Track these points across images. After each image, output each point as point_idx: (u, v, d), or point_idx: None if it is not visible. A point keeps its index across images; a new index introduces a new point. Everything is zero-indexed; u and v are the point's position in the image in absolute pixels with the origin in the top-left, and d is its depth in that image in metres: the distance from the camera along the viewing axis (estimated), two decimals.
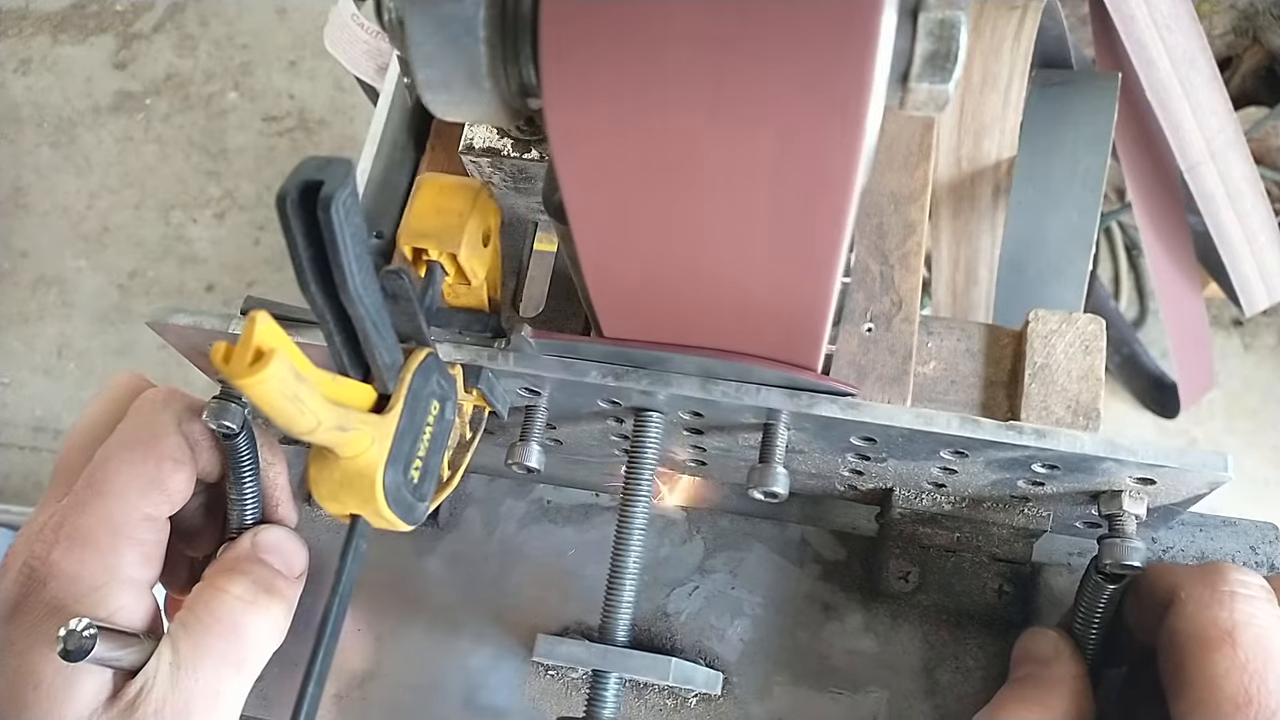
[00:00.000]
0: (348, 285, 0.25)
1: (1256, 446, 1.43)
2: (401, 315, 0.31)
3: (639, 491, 0.37)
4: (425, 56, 0.24)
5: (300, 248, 0.25)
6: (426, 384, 0.32)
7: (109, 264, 1.68)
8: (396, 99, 0.49)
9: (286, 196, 0.24)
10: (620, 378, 0.35)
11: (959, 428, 0.33)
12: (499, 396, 0.37)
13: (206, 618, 0.36)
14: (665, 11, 0.21)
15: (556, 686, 0.43)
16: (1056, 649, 0.36)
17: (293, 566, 0.40)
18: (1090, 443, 0.33)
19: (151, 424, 0.38)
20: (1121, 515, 0.35)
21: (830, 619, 0.43)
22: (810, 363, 0.34)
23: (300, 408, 0.25)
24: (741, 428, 0.37)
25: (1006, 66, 0.62)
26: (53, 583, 0.35)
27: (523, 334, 0.35)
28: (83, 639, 0.32)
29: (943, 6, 0.23)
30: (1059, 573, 0.42)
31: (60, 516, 0.36)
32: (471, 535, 0.46)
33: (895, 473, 0.39)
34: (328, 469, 0.30)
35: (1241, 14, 1.35)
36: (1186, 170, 0.84)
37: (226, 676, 0.36)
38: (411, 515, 0.32)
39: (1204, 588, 0.32)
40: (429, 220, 0.34)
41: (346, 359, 0.29)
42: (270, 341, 0.23)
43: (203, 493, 0.41)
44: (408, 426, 0.31)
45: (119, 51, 1.82)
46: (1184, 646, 0.32)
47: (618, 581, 0.36)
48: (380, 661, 0.44)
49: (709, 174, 0.25)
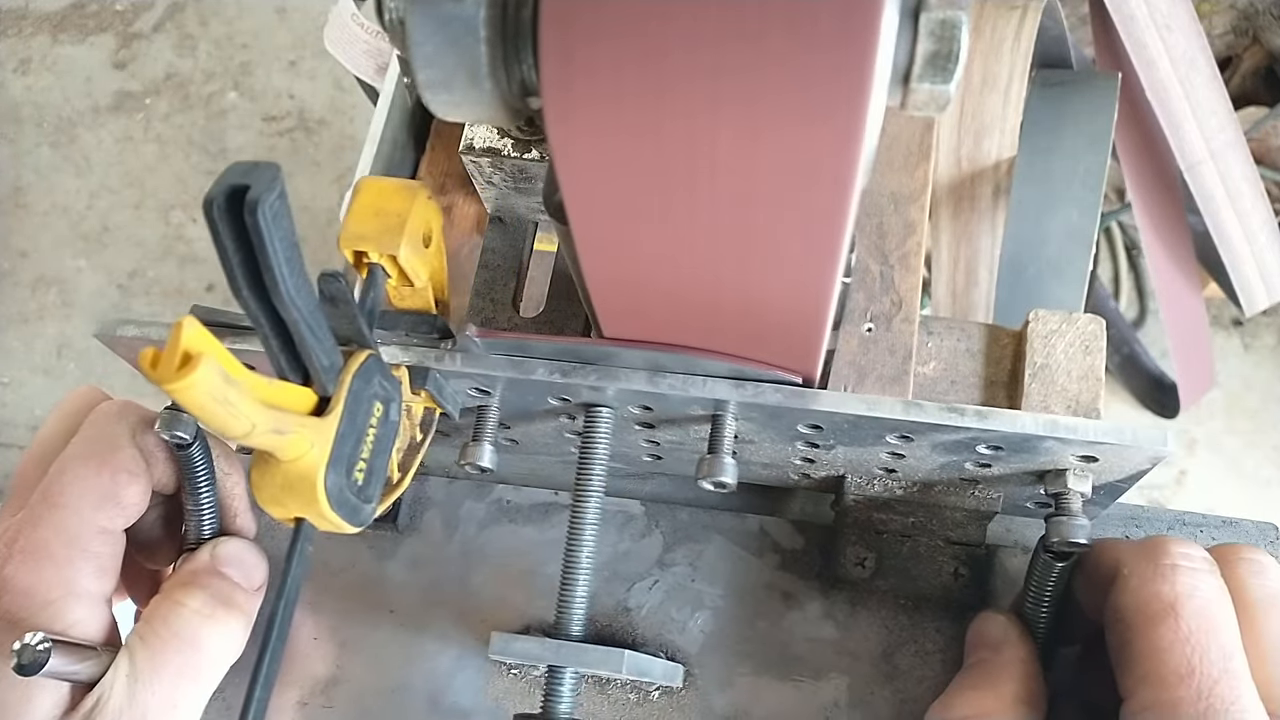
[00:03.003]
0: (279, 289, 0.25)
1: (1256, 446, 1.43)
2: (340, 318, 0.31)
3: (590, 486, 0.37)
4: (426, 56, 0.24)
5: (230, 252, 0.25)
6: (368, 386, 0.31)
7: (109, 264, 1.68)
8: (396, 99, 0.49)
9: (213, 202, 0.24)
10: (568, 374, 0.35)
11: (902, 412, 0.34)
12: (449, 397, 0.37)
13: (164, 631, 0.36)
14: (666, 13, 0.21)
15: (520, 685, 0.43)
16: (1005, 632, 0.37)
17: (252, 579, 0.40)
18: (1031, 422, 0.33)
19: (106, 437, 0.37)
20: (1067, 494, 0.36)
21: (790, 608, 0.43)
22: (811, 363, 0.34)
23: (232, 411, 0.25)
24: (692, 420, 0.37)
25: (1006, 66, 0.62)
26: (7, 597, 0.34)
27: (468, 333, 0.35)
28: (37, 653, 0.32)
29: (944, 7, 0.23)
30: (1014, 554, 0.43)
31: (14, 531, 0.36)
32: (432, 538, 0.46)
33: (846, 459, 0.39)
34: (269, 473, 0.30)
35: (1241, 14, 1.35)
36: (1186, 170, 0.84)
37: (184, 688, 0.36)
38: (357, 517, 0.32)
39: (1146, 562, 0.32)
40: (367, 223, 0.34)
41: (284, 363, 0.29)
42: (198, 346, 0.23)
43: (160, 505, 0.41)
44: (349, 429, 0.30)
45: (119, 51, 1.82)
46: (1129, 621, 0.32)
47: (571, 576, 0.37)
48: (344, 666, 0.44)
49: (709, 174, 0.25)
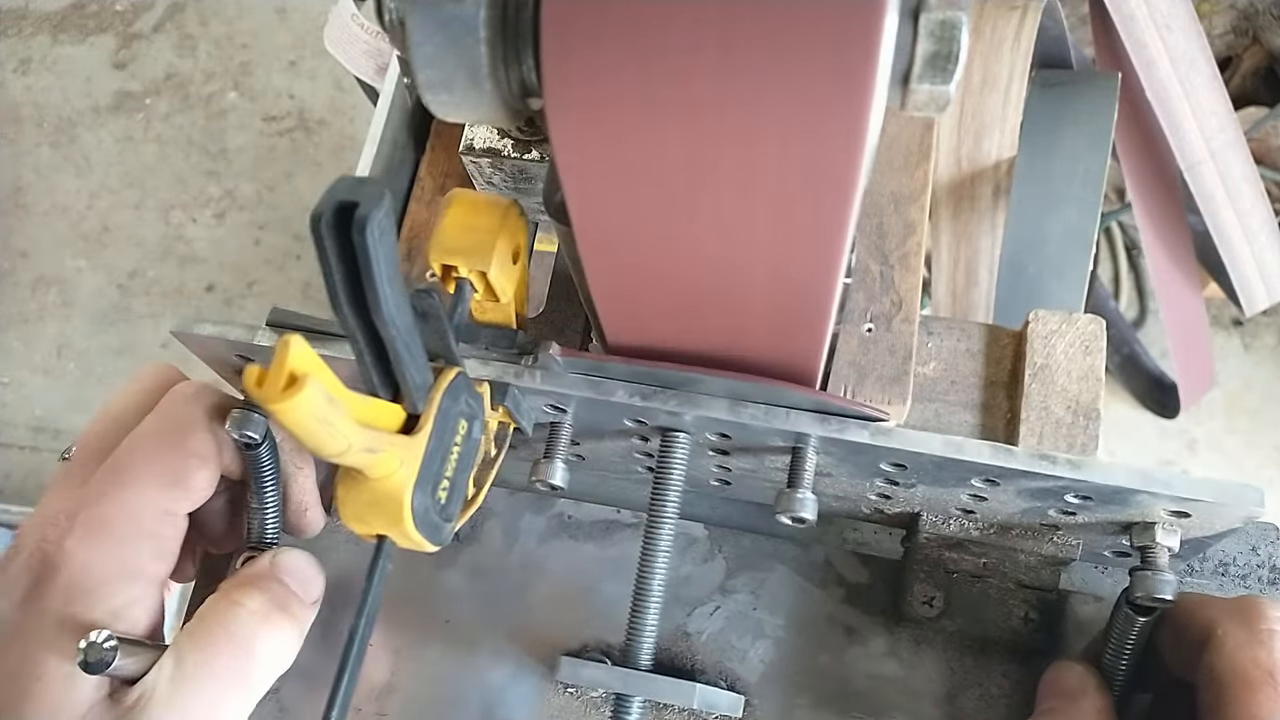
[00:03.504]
0: (381, 307, 0.25)
1: (1257, 446, 1.43)
2: (431, 334, 0.31)
3: (664, 513, 0.36)
4: (426, 57, 0.24)
5: (334, 269, 0.24)
6: (455, 403, 0.31)
7: (109, 264, 1.68)
8: (396, 99, 0.49)
9: (321, 217, 0.23)
10: (648, 398, 0.35)
11: (990, 456, 0.33)
12: (524, 413, 0.37)
13: (218, 630, 0.35)
14: (666, 13, 0.21)
15: (575, 705, 0.42)
16: (1083, 683, 0.36)
17: (309, 591, 0.39)
18: (1125, 475, 0.32)
19: (180, 418, 0.37)
20: (1154, 548, 0.35)
21: (853, 642, 0.42)
22: (811, 366, 0.34)
23: (331, 431, 0.24)
24: (768, 450, 0.37)
25: (1006, 66, 0.62)
26: (65, 570, 0.34)
27: (550, 352, 0.35)
28: (104, 651, 0.32)
29: (944, 7, 0.23)
30: (1085, 601, 0.42)
31: (77, 504, 0.35)
32: (491, 549, 0.45)
33: (924, 498, 0.38)
34: (355, 490, 0.29)
35: (1241, 14, 1.35)
36: (1186, 170, 0.84)
37: (229, 694, 0.35)
38: (438, 536, 0.31)
39: (1242, 627, 0.32)
40: (459, 238, 0.34)
41: (376, 379, 0.29)
42: (303, 366, 0.23)
43: (225, 491, 0.41)
44: (436, 447, 0.30)
45: (119, 51, 1.82)
46: (1225, 685, 0.32)
47: (642, 604, 0.36)
48: (398, 675, 0.43)
49: (710, 175, 0.25)
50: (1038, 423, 0.44)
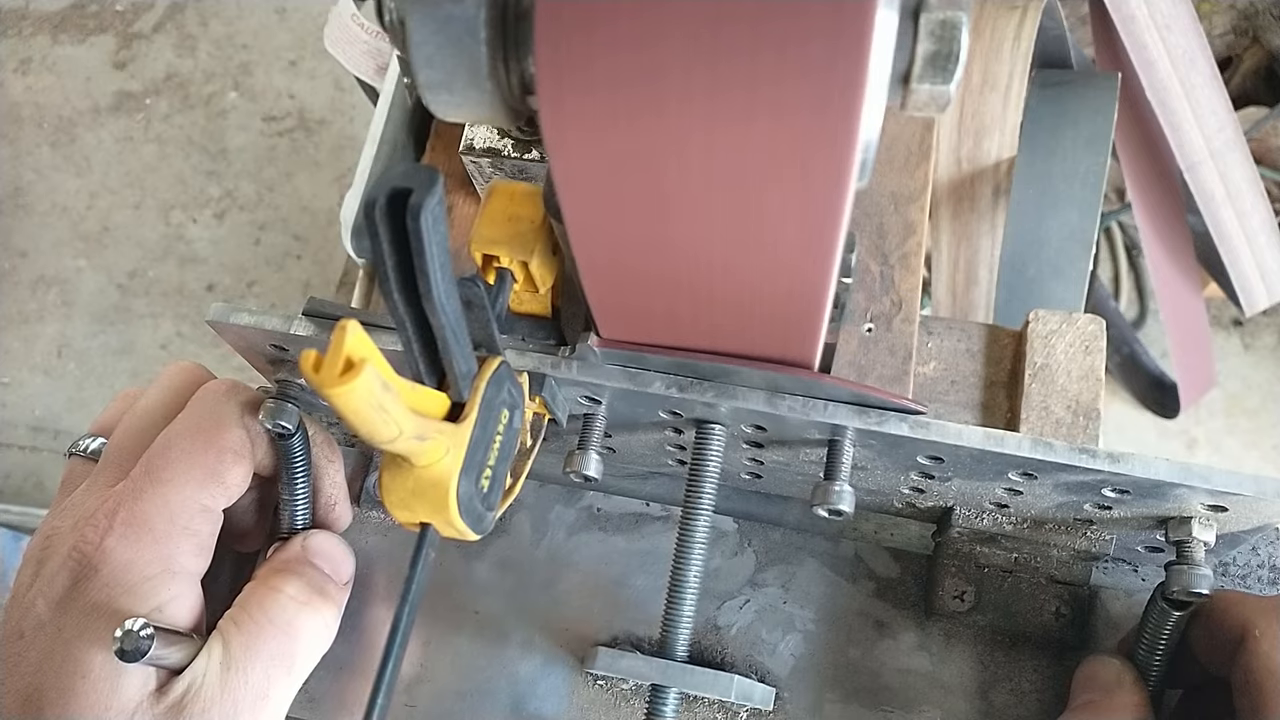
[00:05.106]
0: (432, 293, 0.25)
1: (1256, 446, 1.43)
2: (475, 323, 0.31)
3: (700, 505, 0.36)
4: (426, 57, 0.24)
5: (386, 255, 0.25)
6: (499, 393, 0.31)
7: (109, 264, 1.68)
8: (396, 99, 0.49)
9: (375, 204, 0.24)
10: (684, 389, 0.35)
11: (1030, 449, 0.33)
12: (559, 404, 0.37)
13: (260, 616, 0.36)
14: (660, 9, 0.21)
15: (605, 697, 0.42)
16: (1120, 677, 0.36)
17: (341, 573, 0.40)
18: (1165, 469, 0.32)
19: (214, 414, 0.37)
20: (1190, 542, 0.35)
21: (883, 636, 0.42)
22: (807, 360, 0.34)
23: (385, 418, 0.25)
24: (804, 443, 0.36)
25: (1006, 66, 0.62)
26: (105, 570, 0.34)
27: (588, 343, 0.35)
28: (140, 639, 0.32)
29: (944, 7, 0.23)
30: (1116, 596, 0.42)
31: (114, 503, 0.35)
32: (521, 541, 0.46)
33: (958, 492, 0.38)
34: (400, 477, 0.29)
35: (1241, 14, 1.35)
36: (1186, 170, 0.84)
37: (276, 677, 0.35)
38: (480, 525, 0.32)
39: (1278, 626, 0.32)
40: (501, 228, 0.34)
41: (423, 366, 0.29)
42: (360, 351, 0.23)
43: (255, 488, 0.41)
44: (480, 436, 0.30)
45: (119, 51, 1.82)
46: (1260, 684, 0.32)
47: (678, 596, 0.36)
48: (428, 666, 0.44)
49: (704, 167, 0.25)
50: (1038, 422, 0.44)
